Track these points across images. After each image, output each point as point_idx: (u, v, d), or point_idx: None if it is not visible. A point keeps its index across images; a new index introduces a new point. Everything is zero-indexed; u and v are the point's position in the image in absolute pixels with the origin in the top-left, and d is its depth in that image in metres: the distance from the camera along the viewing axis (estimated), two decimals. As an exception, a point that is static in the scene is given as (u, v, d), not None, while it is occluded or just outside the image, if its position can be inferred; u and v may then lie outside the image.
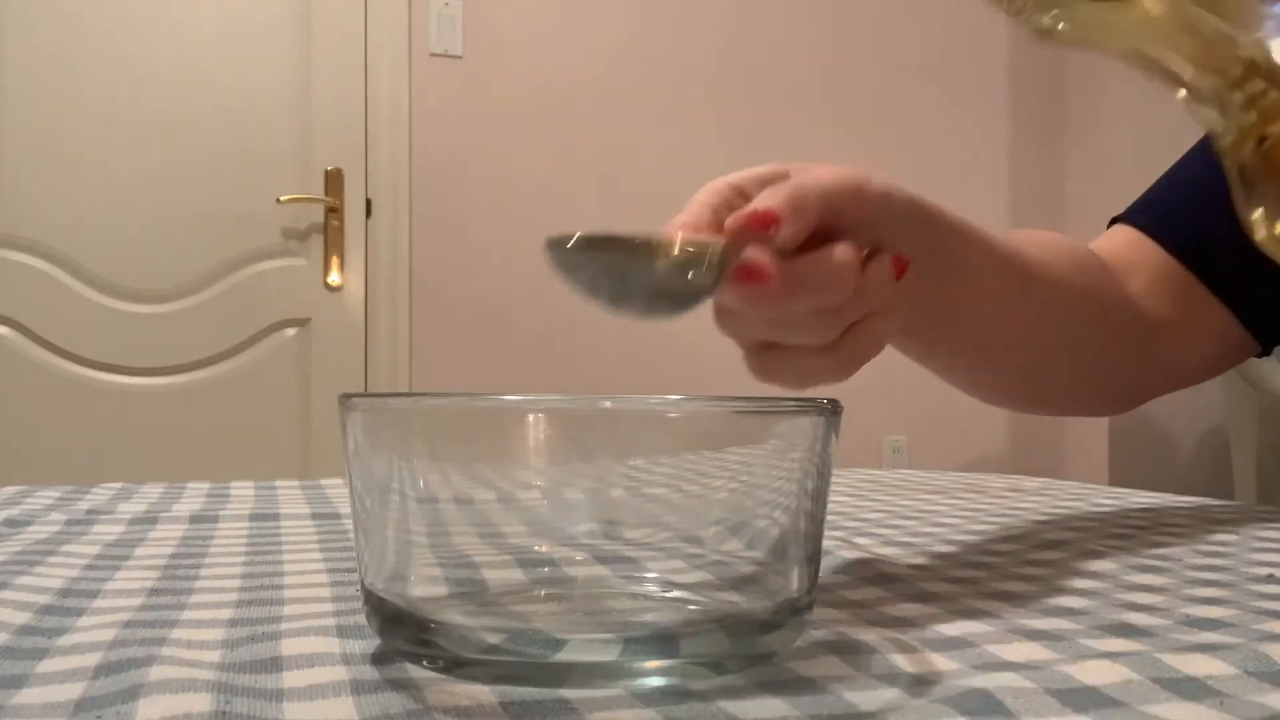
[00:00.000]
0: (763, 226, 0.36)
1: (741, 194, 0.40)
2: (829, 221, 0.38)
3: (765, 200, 0.36)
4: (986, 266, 0.48)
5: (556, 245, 0.34)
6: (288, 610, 0.31)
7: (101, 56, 2.24)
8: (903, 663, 0.26)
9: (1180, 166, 0.61)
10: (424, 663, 0.24)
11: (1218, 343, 0.58)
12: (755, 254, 0.35)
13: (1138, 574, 0.38)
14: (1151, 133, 2.74)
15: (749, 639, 0.25)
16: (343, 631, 0.28)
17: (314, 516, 0.54)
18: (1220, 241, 0.56)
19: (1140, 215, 0.60)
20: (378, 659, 0.26)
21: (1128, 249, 0.58)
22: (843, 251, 0.36)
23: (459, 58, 2.46)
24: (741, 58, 2.67)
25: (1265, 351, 0.60)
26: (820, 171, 0.39)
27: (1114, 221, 0.61)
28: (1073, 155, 2.92)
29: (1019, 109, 2.91)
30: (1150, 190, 0.62)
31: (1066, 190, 2.93)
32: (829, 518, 0.54)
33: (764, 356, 0.40)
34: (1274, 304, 0.57)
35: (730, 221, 0.36)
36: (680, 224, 0.38)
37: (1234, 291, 0.57)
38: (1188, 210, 0.58)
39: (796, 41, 2.72)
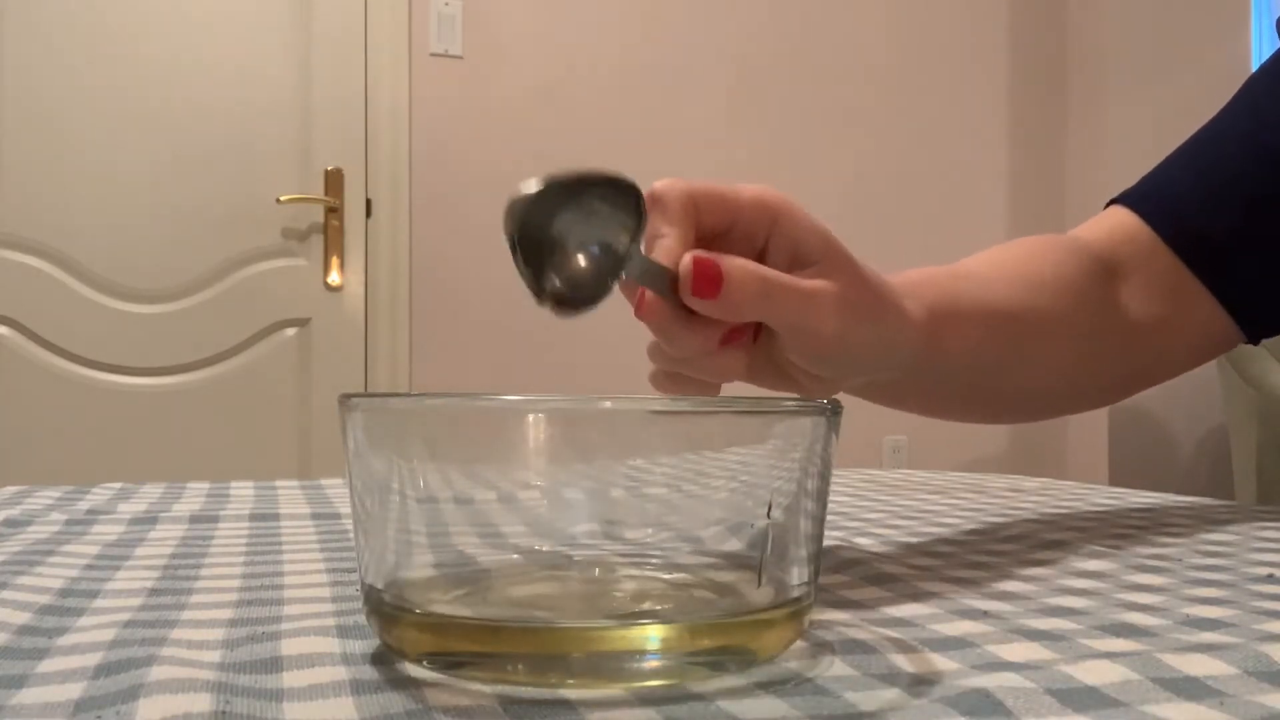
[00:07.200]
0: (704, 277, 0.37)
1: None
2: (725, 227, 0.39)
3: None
4: (966, 352, 0.49)
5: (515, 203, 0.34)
6: (288, 610, 0.31)
7: (102, 60, 2.24)
8: (903, 663, 0.26)
9: (1188, 154, 0.60)
10: (424, 663, 0.24)
11: (1205, 337, 0.58)
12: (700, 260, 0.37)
13: (1138, 574, 0.38)
14: (1153, 124, 2.74)
15: (749, 638, 0.25)
16: (343, 631, 0.28)
17: (314, 516, 0.54)
18: (1219, 236, 0.56)
19: (1142, 202, 0.59)
20: (378, 659, 0.26)
21: (1126, 243, 0.58)
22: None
23: (459, 58, 2.46)
24: (741, 56, 2.67)
25: (1253, 341, 0.60)
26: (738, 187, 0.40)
27: (1113, 201, 0.61)
28: (1073, 149, 2.92)
29: (1018, 103, 2.92)
30: (1155, 174, 0.61)
31: (1067, 186, 2.93)
32: (829, 518, 0.54)
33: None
34: (1265, 297, 0.57)
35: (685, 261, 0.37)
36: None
37: (1227, 285, 0.57)
38: (1190, 202, 0.58)
39: (795, 38, 2.72)
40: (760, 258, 0.39)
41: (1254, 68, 3.18)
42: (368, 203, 2.40)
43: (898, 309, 0.43)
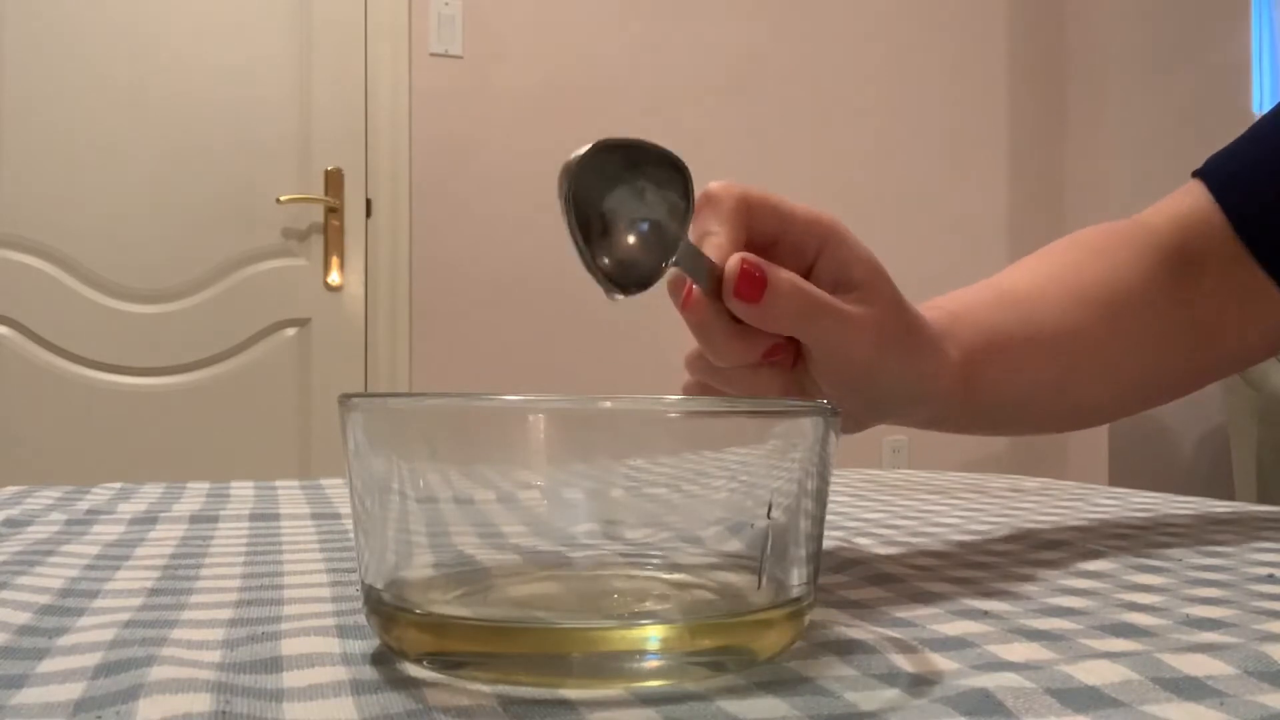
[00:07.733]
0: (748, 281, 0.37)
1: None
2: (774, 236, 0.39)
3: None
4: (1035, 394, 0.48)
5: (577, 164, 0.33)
6: (288, 610, 0.31)
7: (102, 59, 2.24)
8: (903, 663, 0.26)
9: (1270, 126, 0.56)
10: (424, 663, 0.24)
11: (1273, 334, 0.55)
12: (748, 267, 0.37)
13: (1138, 574, 0.38)
14: (1153, 124, 2.74)
15: (749, 638, 0.25)
16: (343, 631, 0.28)
17: (314, 516, 0.54)
18: None
19: (1221, 182, 0.55)
20: (378, 659, 0.26)
21: (1199, 231, 0.54)
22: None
23: (459, 57, 2.46)
24: (739, 55, 2.67)
25: None
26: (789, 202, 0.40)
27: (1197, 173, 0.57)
28: (1073, 150, 2.92)
29: (1019, 103, 2.92)
30: (1237, 148, 0.57)
31: (1066, 186, 2.94)
32: (829, 518, 0.54)
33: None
34: None
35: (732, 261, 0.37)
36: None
37: None
38: (1269, 187, 0.54)
39: (794, 37, 2.72)
40: (806, 275, 0.39)
41: (1254, 68, 3.15)
42: (368, 202, 2.40)
43: (934, 349, 0.43)
